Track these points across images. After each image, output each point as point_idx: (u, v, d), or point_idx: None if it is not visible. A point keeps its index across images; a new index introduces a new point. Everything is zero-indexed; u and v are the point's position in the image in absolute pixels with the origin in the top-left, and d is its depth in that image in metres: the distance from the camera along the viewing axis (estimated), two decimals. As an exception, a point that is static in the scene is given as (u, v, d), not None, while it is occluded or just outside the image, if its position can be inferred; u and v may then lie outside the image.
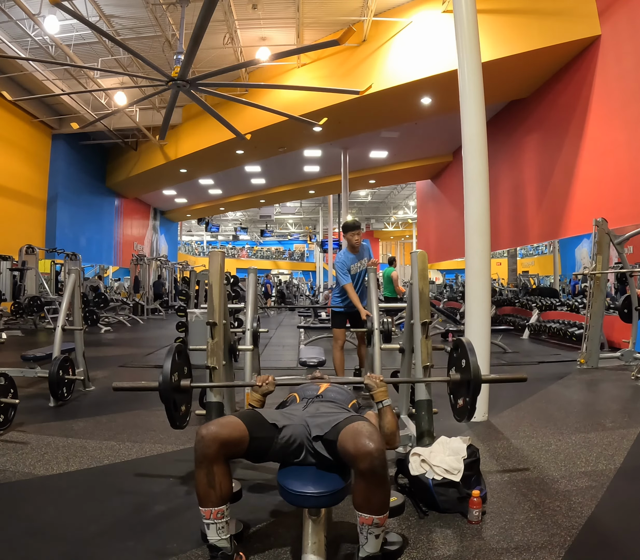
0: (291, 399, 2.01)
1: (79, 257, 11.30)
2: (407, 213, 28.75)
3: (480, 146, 3.56)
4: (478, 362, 2.09)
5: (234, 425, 1.59)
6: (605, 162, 7.10)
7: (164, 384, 1.92)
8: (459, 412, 2.24)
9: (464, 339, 2.22)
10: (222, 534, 1.54)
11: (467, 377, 2.09)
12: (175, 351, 2.03)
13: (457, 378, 2.19)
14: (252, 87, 9.81)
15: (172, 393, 1.96)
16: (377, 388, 1.95)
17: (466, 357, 2.11)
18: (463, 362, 2.15)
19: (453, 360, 2.28)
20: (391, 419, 1.88)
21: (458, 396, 2.23)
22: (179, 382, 2.04)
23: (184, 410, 2.12)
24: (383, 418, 1.90)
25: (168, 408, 1.96)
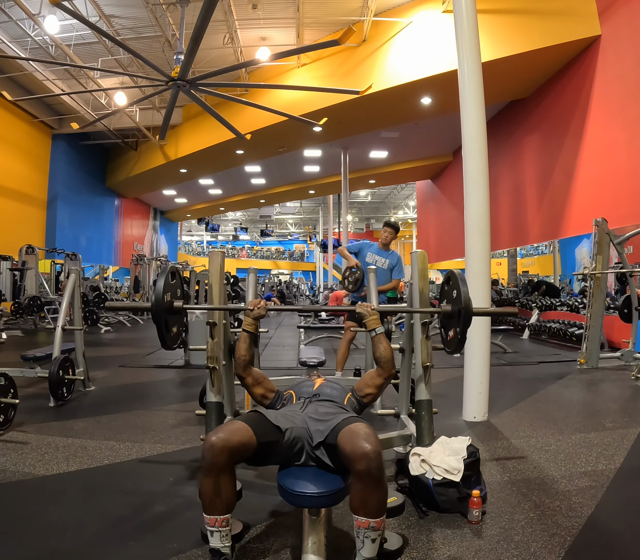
0: (288, 397, 2.02)
1: (79, 257, 11.30)
2: (407, 213, 28.76)
3: (480, 146, 3.56)
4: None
5: (243, 431, 1.59)
6: (605, 162, 7.10)
7: (156, 304, 1.89)
8: (449, 344, 2.25)
9: (456, 270, 2.21)
10: (226, 541, 1.54)
11: (458, 307, 2.08)
12: (169, 272, 2.00)
13: (448, 309, 2.19)
14: (252, 87, 9.81)
15: (164, 313, 1.93)
16: (370, 316, 2.03)
17: (457, 288, 2.10)
18: (454, 293, 2.14)
19: (444, 293, 2.28)
20: (386, 346, 1.92)
21: (449, 328, 2.24)
22: (172, 302, 2.02)
23: (175, 332, 2.11)
24: (378, 346, 1.95)
25: (159, 328, 1.95)
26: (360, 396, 2.01)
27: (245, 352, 2.03)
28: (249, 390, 2.06)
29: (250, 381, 2.04)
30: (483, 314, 2.38)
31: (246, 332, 2.07)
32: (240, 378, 2.06)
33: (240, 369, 2.04)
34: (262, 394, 2.04)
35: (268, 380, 2.09)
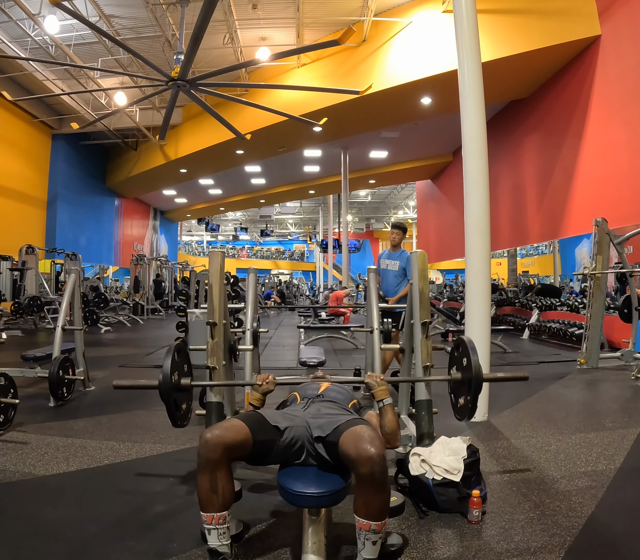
0: (292, 399, 2.01)
1: (79, 257, 11.29)
2: (407, 213, 28.75)
3: (480, 146, 3.56)
4: (479, 360, 2.09)
5: (238, 428, 1.58)
6: (605, 162, 7.10)
7: (164, 383, 1.92)
8: (459, 411, 2.24)
9: (465, 337, 2.21)
10: (224, 539, 1.54)
11: (469, 376, 2.08)
12: (175, 350, 2.03)
13: (458, 377, 2.18)
14: (252, 87, 9.81)
15: (173, 392, 1.96)
16: (378, 387, 1.95)
17: (467, 356, 2.10)
18: (464, 361, 2.14)
19: (454, 359, 2.28)
20: (392, 418, 1.88)
21: (459, 395, 2.23)
22: (179, 380, 2.04)
23: (184, 409, 2.12)
24: (384, 417, 1.90)
25: (169, 407, 1.96)
26: None
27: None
28: None
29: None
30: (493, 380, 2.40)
31: (252, 407, 1.95)
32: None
33: None
34: None
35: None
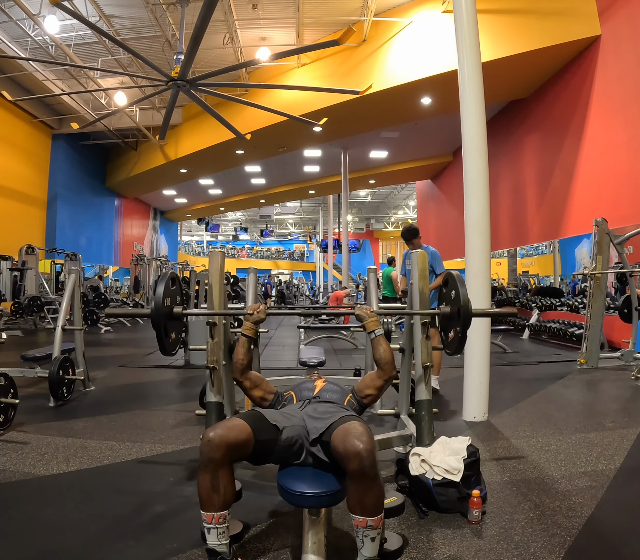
0: (288, 398, 2.02)
1: (79, 257, 11.30)
2: (407, 213, 28.75)
3: (480, 146, 3.56)
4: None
5: (240, 427, 1.58)
6: (605, 162, 7.10)
7: (156, 310, 1.90)
8: (449, 346, 2.26)
9: (454, 272, 2.23)
10: (223, 539, 1.54)
11: (457, 307, 2.09)
12: (169, 277, 2.00)
13: (447, 311, 2.21)
14: (252, 87, 9.81)
15: (164, 319, 1.94)
16: (369, 318, 2.03)
17: (456, 289, 2.11)
18: (453, 294, 2.15)
19: (443, 295, 2.30)
20: (386, 348, 1.92)
21: (449, 329, 2.25)
22: (172, 308, 2.02)
23: (174, 338, 2.11)
24: (377, 348, 1.95)
25: (159, 334, 1.95)
26: (360, 397, 2.01)
27: (243, 356, 2.03)
28: (247, 394, 2.06)
29: (248, 384, 2.04)
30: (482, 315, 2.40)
31: (245, 337, 2.06)
32: (238, 382, 2.06)
33: (237, 373, 2.03)
34: (261, 396, 2.04)
35: (266, 383, 2.08)
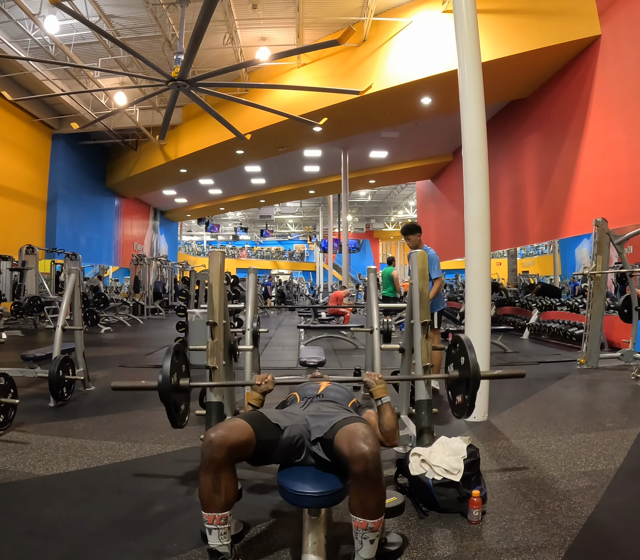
0: (291, 399, 2.01)
1: (79, 257, 11.30)
2: (407, 213, 28.75)
3: (480, 146, 3.56)
4: (478, 360, 2.09)
5: (242, 428, 1.58)
6: (605, 162, 7.10)
7: (164, 384, 1.92)
8: (457, 409, 2.25)
9: (463, 335, 2.22)
10: (224, 539, 1.53)
11: (466, 374, 2.09)
12: (173, 351, 2.03)
13: (456, 375, 2.20)
14: (252, 87, 9.81)
15: (172, 393, 1.96)
16: (376, 385, 1.96)
17: (465, 354, 2.11)
18: (462, 360, 2.15)
19: (452, 357, 2.29)
20: (390, 416, 1.88)
21: (457, 393, 2.24)
22: (178, 381, 2.04)
23: (183, 409, 2.12)
24: (382, 415, 1.90)
25: (168, 408, 1.97)
26: None
27: None
28: None
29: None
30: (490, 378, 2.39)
31: (251, 406, 1.94)
32: None
33: None
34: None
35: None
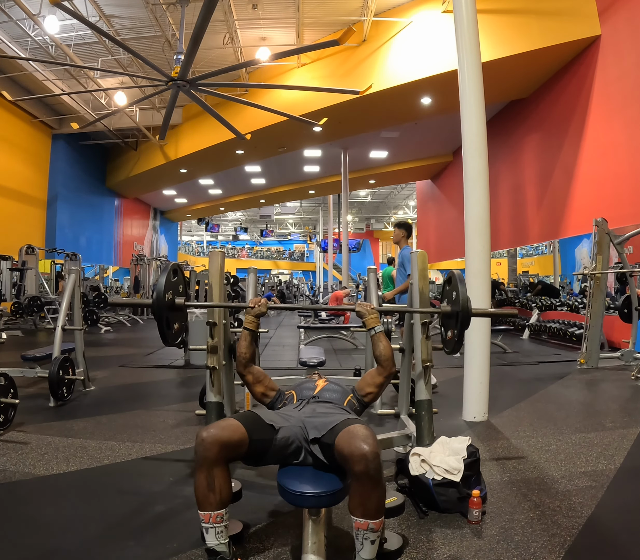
0: (289, 398, 2.02)
1: (79, 257, 11.29)
2: (407, 213, 28.75)
3: (480, 146, 3.56)
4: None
5: (234, 427, 1.59)
6: (605, 162, 7.10)
7: (157, 300, 1.92)
8: (447, 344, 2.29)
9: (456, 271, 2.24)
10: (221, 538, 1.54)
11: (457, 308, 2.10)
12: (171, 268, 2.02)
13: (448, 310, 2.22)
14: (252, 87, 9.81)
15: (166, 310, 1.96)
16: (369, 315, 2.04)
17: (457, 290, 2.13)
18: (454, 295, 2.17)
19: (445, 293, 2.32)
20: (386, 344, 1.93)
21: (448, 328, 2.27)
22: (174, 299, 2.04)
23: (177, 329, 2.13)
24: (377, 344, 1.95)
25: (160, 324, 1.97)
26: (361, 395, 2.02)
27: (246, 349, 2.05)
28: (250, 389, 2.08)
29: (251, 379, 2.05)
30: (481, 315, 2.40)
31: (247, 330, 2.09)
32: (241, 375, 2.08)
33: (241, 366, 2.06)
34: (263, 392, 2.06)
35: (269, 379, 2.10)
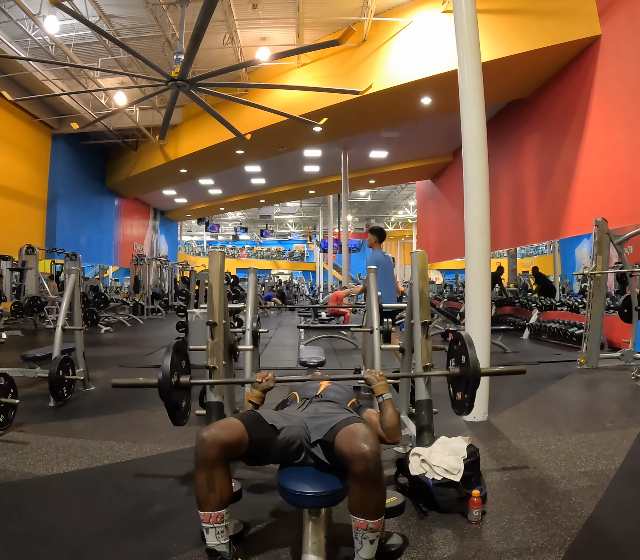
0: (292, 399, 2.02)
1: (79, 257, 11.29)
2: (407, 213, 28.75)
3: (480, 146, 3.56)
4: (478, 358, 2.10)
5: (234, 426, 1.59)
6: (605, 162, 7.10)
7: (164, 381, 1.92)
8: (457, 406, 2.27)
9: (464, 332, 2.23)
10: (222, 538, 1.53)
11: (467, 371, 2.10)
12: (173, 348, 2.03)
13: (457, 372, 2.21)
14: (252, 87, 9.80)
15: (172, 390, 1.96)
16: (377, 382, 1.97)
17: (465, 352, 2.12)
18: (463, 358, 2.16)
19: (452, 354, 2.31)
20: (392, 413, 1.88)
21: (457, 390, 2.25)
22: (179, 379, 2.04)
23: (184, 407, 2.12)
24: (384, 412, 1.90)
25: (168, 406, 1.97)
26: None
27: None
28: None
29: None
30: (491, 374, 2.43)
31: (252, 404, 1.96)
32: None
33: None
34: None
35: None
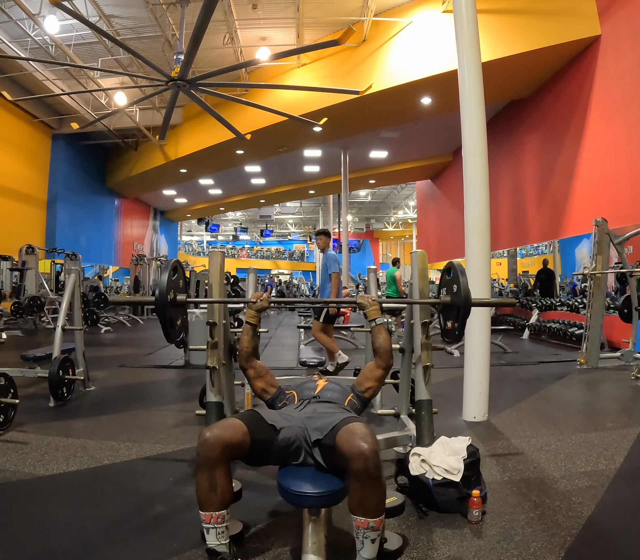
0: (290, 397, 2.02)
1: (79, 257, 11.30)
2: (407, 213, 28.75)
3: (480, 146, 3.56)
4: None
5: (236, 427, 1.59)
6: (605, 162, 7.10)
7: (160, 298, 1.93)
8: (447, 334, 2.29)
9: (455, 262, 2.25)
10: (222, 538, 1.54)
11: (458, 299, 2.11)
12: (171, 267, 2.04)
13: (448, 300, 2.23)
14: (252, 87, 9.80)
15: (168, 307, 1.97)
16: (370, 306, 2.06)
17: (457, 281, 2.13)
18: (455, 287, 2.18)
19: (444, 283, 2.34)
20: (385, 336, 1.94)
21: (448, 318, 2.28)
22: (175, 296, 2.05)
23: (179, 325, 2.16)
24: (377, 336, 1.97)
25: (163, 322, 1.98)
26: (361, 391, 2.03)
27: (247, 343, 2.08)
28: (250, 383, 2.09)
29: (252, 373, 2.07)
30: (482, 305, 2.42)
31: (249, 324, 2.11)
32: (243, 369, 2.10)
33: (243, 360, 2.07)
34: (263, 388, 2.06)
35: (271, 375, 2.11)
